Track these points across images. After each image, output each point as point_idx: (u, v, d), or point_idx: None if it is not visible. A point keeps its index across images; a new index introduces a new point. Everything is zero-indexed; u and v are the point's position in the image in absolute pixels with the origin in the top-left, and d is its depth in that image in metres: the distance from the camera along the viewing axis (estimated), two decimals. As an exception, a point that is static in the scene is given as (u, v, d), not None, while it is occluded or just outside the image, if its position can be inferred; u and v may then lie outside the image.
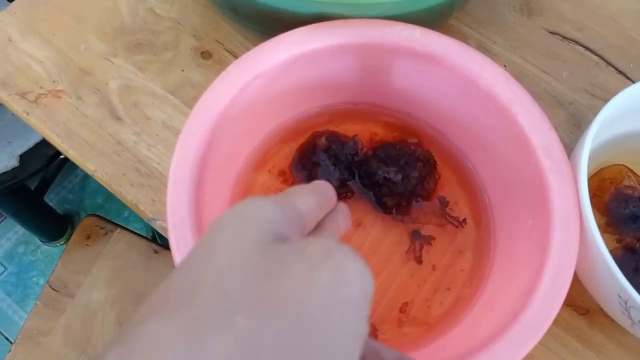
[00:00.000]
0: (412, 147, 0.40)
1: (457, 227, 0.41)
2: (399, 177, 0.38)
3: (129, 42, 0.47)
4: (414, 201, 0.40)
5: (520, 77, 0.47)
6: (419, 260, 0.40)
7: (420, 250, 0.40)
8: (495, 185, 0.39)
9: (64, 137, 0.43)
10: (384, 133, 0.42)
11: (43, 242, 1.18)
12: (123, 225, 0.74)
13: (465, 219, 0.41)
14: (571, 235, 0.32)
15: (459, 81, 0.37)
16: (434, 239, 0.41)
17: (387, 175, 0.38)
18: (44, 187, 1.12)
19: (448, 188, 0.41)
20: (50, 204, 1.17)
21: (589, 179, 0.40)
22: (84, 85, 0.45)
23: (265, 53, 0.36)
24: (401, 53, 0.37)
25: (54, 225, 1.16)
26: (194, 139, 0.34)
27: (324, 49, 0.37)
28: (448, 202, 0.41)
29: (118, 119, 0.44)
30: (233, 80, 0.35)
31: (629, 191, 0.39)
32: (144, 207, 0.41)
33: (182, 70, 0.46)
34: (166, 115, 0.44)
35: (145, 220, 0.41)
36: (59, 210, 1.19)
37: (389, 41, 0.37)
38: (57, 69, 0.45)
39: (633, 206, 0.38)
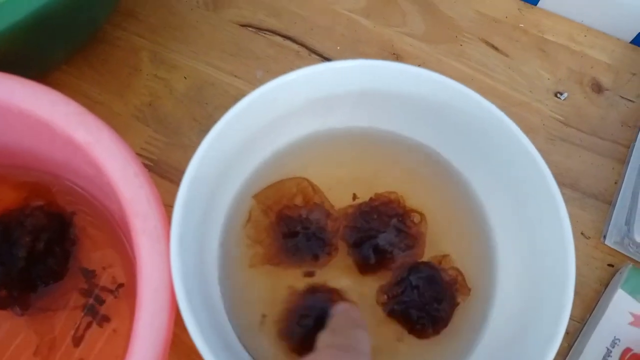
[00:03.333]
0: (27, 214, 0.31)
1: (115, 297, 0.32)
2: (-6, 263, 0.29)
3: None
4: (39, 285, 0.31)
5: (205, 86, 0.39)
6: (77, 342, 0.31)
7: (85, 330, 0.32)
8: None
9: None
10: (12, 197, 0.33)
11: None
12: None
13: (122, 284, 0.32)
14: (161, 304, 0.24)
15: (40, 128, 0.28)
16: (108, 320, 0.32)
17: (-20, 264, 0.29)
18: None
19: (99, 252, 0.33)
20: None
21: (267, 188, 0.33)
22: None
23: None
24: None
25: None
26: None
27: None
28: (94, 271, 0.32)
29: None
30: None
31: (291, 212, 0.31)
32: None
33: None
34: None
35: None
36: None
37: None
38: None
39: (291, 229, 0.30)
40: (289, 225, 0.31)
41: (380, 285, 0.31)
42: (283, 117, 0.31)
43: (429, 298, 0.31)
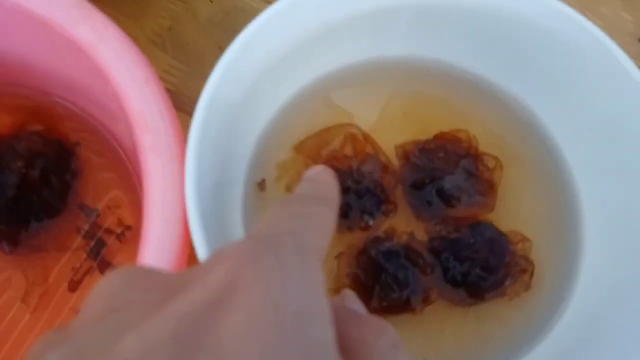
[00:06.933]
0: (21, 139, 0.27)
1: (121, 242, 0.28)
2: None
3: None
4: (32, 220, 0.26)
5: (233, 11, 0.34)
6: (74, 289, 0.27)
7: (84, 276, 0.27)
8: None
9: None
10: (8, 122, 0.29)
11: None
12: None
13: (129, 227, 0.28)
14: (171, 239, 0.20)
15: (37, 29, 0.24)
16: (111, 266, 0.28)
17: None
18: None
19: (104, 189, 0.28)
20: None
21: (310, 137, 0.28)
22: None
23: None
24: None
25: None
26: None
27: None
28: (97, 210, 0.28)
29: None
30: None
31: (340, 164, 0.26)
32: None
33: None
34: None
35: None
36: None
37: None
38: None
39: (340, 185, 0.25)
40: (338, 179, 0.25)
41: (440, 221, 0.26)
42: (323, 37, 0.26)
43: (479, 260, 0.25)
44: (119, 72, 0.21)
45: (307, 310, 0.11)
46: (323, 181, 0.18)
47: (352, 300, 0.16)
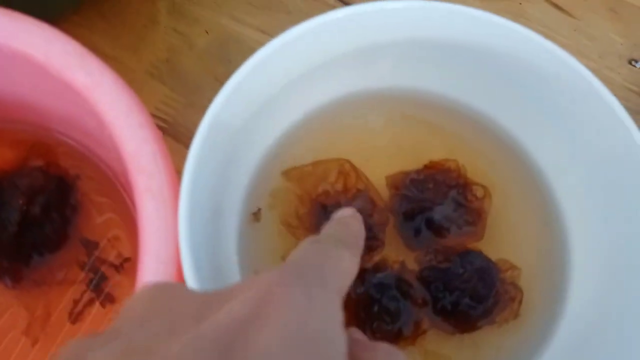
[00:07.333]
0: (23, 175, 0.27)
1: (119, 273, 0.29)
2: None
3: None
4: (33, 255, 0.27)
5: (229, 42, 0.35)
6: (74, 320, 0.28)
7: (84, 307, 0.28)
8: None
9: None
10: (9, 157, 0.30)
11: None
12: None
13: (128, 259, 0.28)
14: (165, 276, 0.20)
15: (35, 72, 0.24)
16: (111, 298, 0.28)
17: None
18: None
19: (103, 222, 0.29)
20: None
21: (302, 167, 0.29)
22: None
23: None
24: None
25: None
26: None
27: None
28: (97, 243, 0.28)
29: None
30: None
31: (330, 201, 0.27)
32: None
33: None
34: None
35: None
36: None
37: None
38: None
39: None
40: (328, 216, 0.26)
41: (430, 250, 0.27)
42: (316, 70, 0.27)
43: (469, 290, 0.26)
44: (114, 116, 0.22)
45: (324, 335, 0.13)
46: (352, 226, 0.19)
47: (356, 332, 0.18)
